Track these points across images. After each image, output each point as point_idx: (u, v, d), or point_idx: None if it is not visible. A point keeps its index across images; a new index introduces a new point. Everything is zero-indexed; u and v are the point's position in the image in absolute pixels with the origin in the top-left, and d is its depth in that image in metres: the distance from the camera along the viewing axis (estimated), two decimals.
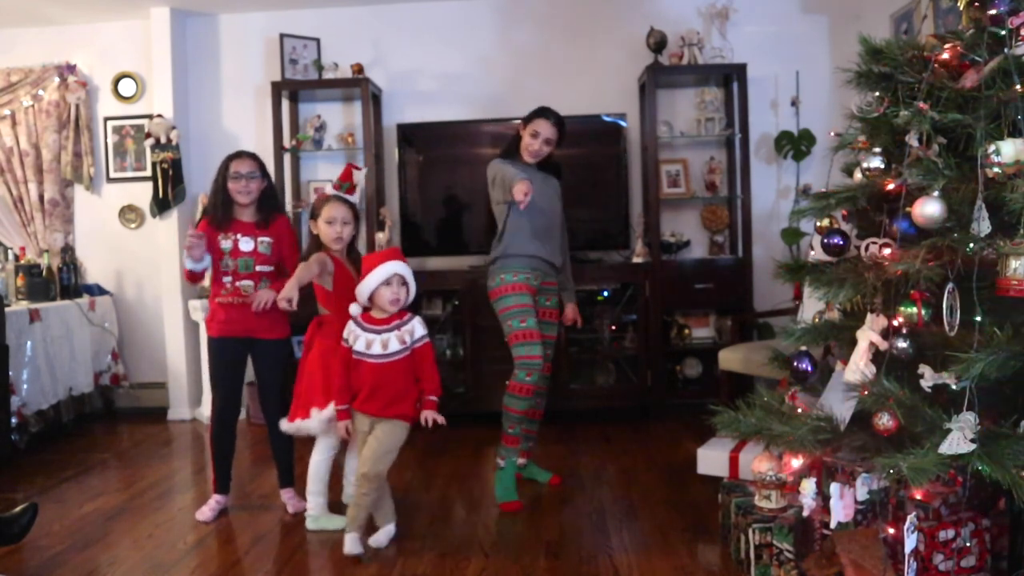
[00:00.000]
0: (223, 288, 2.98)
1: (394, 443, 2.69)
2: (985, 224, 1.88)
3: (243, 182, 2.95)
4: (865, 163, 2.18)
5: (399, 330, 2.70)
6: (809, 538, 2.20)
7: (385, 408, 2.69)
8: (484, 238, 3.32)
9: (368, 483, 2.63)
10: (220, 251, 2.96)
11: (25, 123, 4.87)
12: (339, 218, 2.88)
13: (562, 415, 4.30)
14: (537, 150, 3.18)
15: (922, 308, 1.98)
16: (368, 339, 2.70)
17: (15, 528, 2.60)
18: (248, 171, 2.96)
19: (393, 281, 2.68)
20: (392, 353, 2.68)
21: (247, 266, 2.97)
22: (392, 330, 2.70)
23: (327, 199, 2.92)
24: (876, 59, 2.24)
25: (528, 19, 4.79)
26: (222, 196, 2.96)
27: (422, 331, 2.74)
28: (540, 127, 3.18)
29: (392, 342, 2.68)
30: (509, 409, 3.07)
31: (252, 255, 2.98)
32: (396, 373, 2.69)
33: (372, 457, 2.64)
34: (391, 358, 2.68)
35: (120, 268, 5.00)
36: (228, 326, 2.99)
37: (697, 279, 4.41)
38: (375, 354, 2.68)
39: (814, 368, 2.33)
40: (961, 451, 1.81)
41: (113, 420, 4.85)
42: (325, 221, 2.88)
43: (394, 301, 2.69)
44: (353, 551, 2.61)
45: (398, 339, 2.69)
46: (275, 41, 4.74)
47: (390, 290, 2.67)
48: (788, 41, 4.67)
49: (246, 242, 2.98)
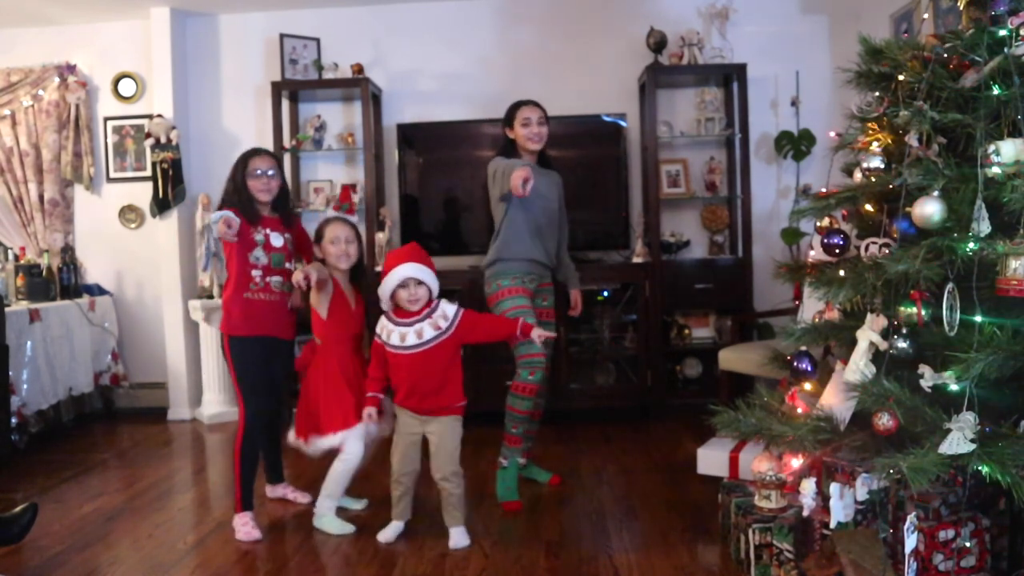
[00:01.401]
0: (252, 283, 2.88)
1: (455, 440, 2.73)
2: (985, 224, 1.88)
3: (264, 179, 2.92)
4: (865, 163, 2.18)
5: (431, 317, 2.70)
6: (809, 538, 2.20)
7: (431, 403, 2.71)
8: (484, 238, 3.32)
9: (448, 483, 2.69)
10: (253, 243, 2.89)
11: (25, 123, 4.87)
12: (343, 237, 2.88)
13: (562, 415, 4.30)
14: (537, 132, 3.19)
15: (922, 308, 1.99)
16: (401, 332, 2.70)
17: (15, 528, 2.60)
18: (269, 168, 2.94)
19: (409, 283, 2.68)
20: (427, 341, 2.68)
21: (279, 262, 2.94)
22: (424, 319, 2.70)
23: (328, 220, 2.93)
24: (876, 59, 2.25)
25: (528, 19, 4.79)
26: (246, 193, 2.91)
27: (453, 308, 2.74)
28: (527, 113, 3.19)
29: (426, 331, 2.69)
30: (513, 409, 3.07)
31: (283, 251, 2.96)
32: (434, 362, 2.69)
33: (441, 462, 2.70)
34: (427, 346, 2.68)
35: (120, 268, 5.00)
36: (259, 324, 2.89)
37: (697, 279, 4.41)
38: (410, 345, 2.68)
39: (814, 368, 2.34)
40: (961, 451, 1.81)
41: (113, 420, 4.85)
42: (329, 241, 2.88)
43: (413, 301, 2.69)
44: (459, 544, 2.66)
45: (431, 326, 2.69)
46: (275, 41, 4.74)
47: (407, 292, 2.68)
48: (788, 41, 4.67)
49: (276, 238, 2.94)
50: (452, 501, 2.71)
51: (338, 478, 2.87)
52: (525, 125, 3.18)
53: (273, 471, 3.24)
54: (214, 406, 4.67)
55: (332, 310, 2.86)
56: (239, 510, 2.88)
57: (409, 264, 2.69)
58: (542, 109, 3.24)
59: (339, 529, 2.83)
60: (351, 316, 2.92)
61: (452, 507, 2.71)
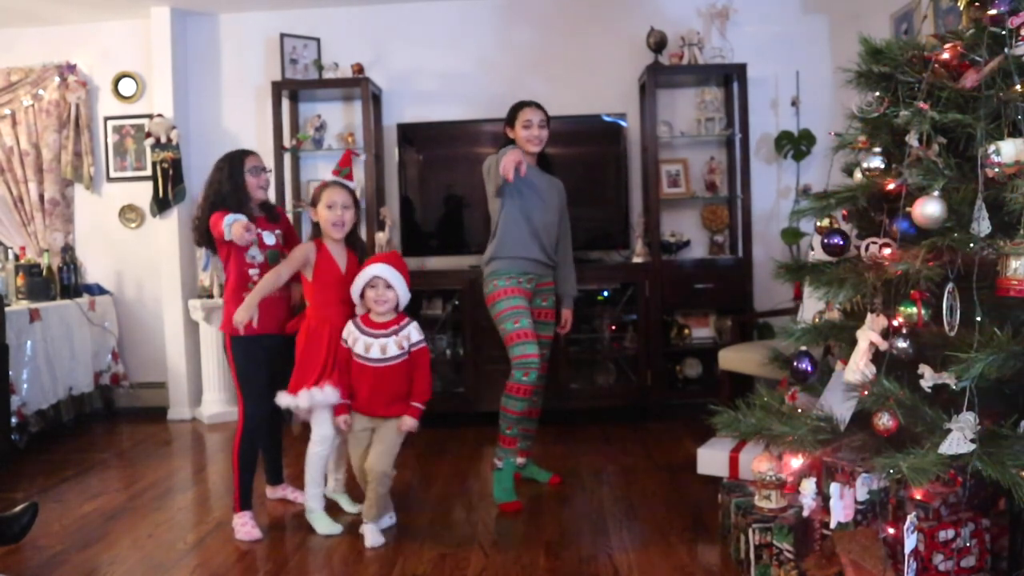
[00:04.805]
0: (250, 282, 2.88)
1: (397, 441, 2.78)
2: (985, 224, 1.88)
3: (264, 176, 2.98)
4: (865, 163, 2.18)
5: (397, 335, 2.77)
6: (809, 538, 2.20)
7: (384, 408, 2.78)
8: (484, 238, 3.31)
9: (376, 479, 2.71)
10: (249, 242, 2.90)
11: (25, 123, 4.87)
12: (339, 202, 2.85)
13: (562, 415, 4.30)
14: (537, 134, 3.19)
15: (922, 308, 1.99)
16: (367, 343, 2.76)
17: (15, 528, 2.59)
18: (263, 165, 3.00)
19: (377, 284, 2.73)
20: (390, 358, 2.75)
21: (274, 258, 2.95)
22: (390, 335, 2.76)
23: (326, 185, 2.91)
24: (876, 59, 2.24)
25: (528, 19, 4.79)
26: (242, 192, 2.91)
27: (418, 336, 2.81)
28: (529, 115, 3.19)
29: (391, 347, 2.76)
30: (507, 410, 3.07)
31: (276, 247, 2.99)
32: (395, 376, 2.77)
33: (377, 456, 2.73)
34: (389, 363, 2.75)
35: (120, 268, 5.00)
36: (262, 323, 2.88)
37: (697, 279, 4.41)
38: (374, 358, 2.75)
39: (814, 368, 2.33)
40: (961, 451, 1.81)
41: (113, 420, 4.85)
42: (325, 206, 2.86)
43: (378, 302, 2.74)
44: (375, 543, 2.68)
45: (396, 344, 2.76)
46: (275, 41, 4.74)
47: (374, 292, 2.74)
48: (788, 41, 4.67)
49: (268, 236, 2.97)
50: (373, 499, 2.73)
51: (311, 462, 2.88)
52: (526, 127, 3.18)
53: (273, 473, 3.24)
54: (214, 406, 4.66)
55: (317, 273, 2.85)
56: (238, 510, 2.88)
57: (379, 264, 2.75)
58: (544, 111, 3.24)
59: (327, 528, 2.84)
60: (338, 280, 2.86)
61: (371, 503, 2.73)
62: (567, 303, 3.42)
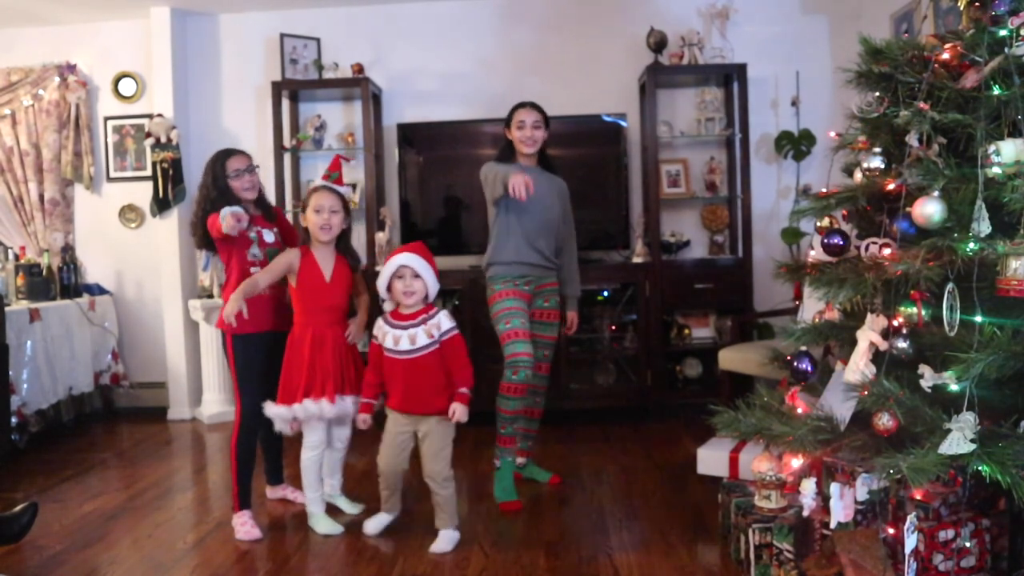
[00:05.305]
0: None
1: (445, 441, 2.73)
2: (985, 224, 1.88)
3: (247, 178, 2.95)
4: (865, 163, 2.18)
5: (425, 324, 2.70)
6: (809, 538, 2.20)
7: (422, 405, 2.70)
8: (484, 238, 3.31)
9: (435, 483, 2.69)
10: (249, 241, 2.91)
11: (25, 123, 4.87)
12: (327, 206, 2.82)
13: (562, 415, 4.29)
14: (530, 136, 3.19)
15: (922, 308, 1.99)
16: (396, 335, 2.70)
17: (15, 527, 2.59)
18: (248, 166, 2.97)
19: (405, 274, 2.67)
20: (420, 348, 2.68)
21: (274, 256, 2.93)
22: (418, 325, 2.69)
23: (314, 189, 2.89)
24: (876, 59, 2.24)
25: (528, 19, 4.79)
26: (231, 195, 2.90)
27: (449, 323, 2.73)
28: (522, 116, 3.20)
29: (420, 337, 2.68)
30: (500, 410, 3.07)
31: (276, 245, 2.98)
32: (427, 368, 2.69)
33: (431, 460, 2.70)
34: (420, 353, 2.68)
35: (120, 268, 5.00)
36: (261, 320, 2.89)
37: (697, 279, 4.41)
38: (403, 350, 2.69)
39: (814, 368, 2.33)
40: (961, 451, 1.81)
41: (113, 420, 4.85)
42: (313, 209, 2.83)
43: (408, 294, 2.68)
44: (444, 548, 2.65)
45: (425, 333, 2.69)
46: (275, 41, 4.74)
47: (402, 283, 2.68)
48: (788, 41, 4.67)
49: (267, 234, 2.97)
50: (440, 503, 2.70)
51: (306, 467, 2.87)
52: (519, 128, 3.19)
53: (273, 473, 3.24)
54: (214, 405, 4.66)
55: (301, 279, 2.83)
56: (237, 509, 2.88)
57: (406, 253, 2.70)
58: (541, 112, 3.23)
59: (327, 529, 2.83)
60: (322, 287, 2.83)
61: (440, 509, 2.71)
62: (571, 305, 3.43)
